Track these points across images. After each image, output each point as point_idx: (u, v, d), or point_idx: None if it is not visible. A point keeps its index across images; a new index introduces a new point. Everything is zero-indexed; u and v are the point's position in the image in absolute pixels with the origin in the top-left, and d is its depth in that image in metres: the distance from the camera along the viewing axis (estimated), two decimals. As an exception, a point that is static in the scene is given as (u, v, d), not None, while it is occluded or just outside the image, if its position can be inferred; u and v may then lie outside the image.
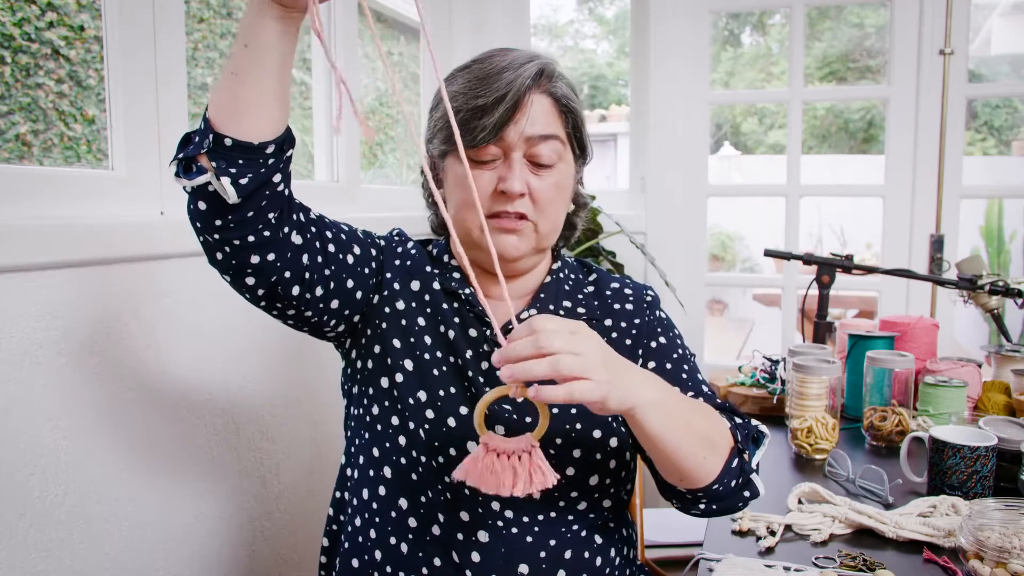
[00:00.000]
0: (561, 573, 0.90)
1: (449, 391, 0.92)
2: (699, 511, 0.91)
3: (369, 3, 1.96)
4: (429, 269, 0.99)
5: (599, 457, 0.92)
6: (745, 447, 0.90)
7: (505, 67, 0.90)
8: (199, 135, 0.75)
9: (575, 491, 0.92)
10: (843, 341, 1.62)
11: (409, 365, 0.93)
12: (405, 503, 0.93)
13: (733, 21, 10.72)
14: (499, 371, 0.69)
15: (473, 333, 0.95)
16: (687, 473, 0.84)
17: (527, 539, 0.90)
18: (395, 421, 0.92)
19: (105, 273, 1.04)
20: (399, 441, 0.92)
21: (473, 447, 0.89)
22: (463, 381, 0.93)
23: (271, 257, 0.81)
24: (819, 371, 1.36)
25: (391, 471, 0.93)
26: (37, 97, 1.32)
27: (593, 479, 0.92)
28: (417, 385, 0.92)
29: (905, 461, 1.20)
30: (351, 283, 0.92)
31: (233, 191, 0.74)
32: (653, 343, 1.00)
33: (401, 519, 0.93)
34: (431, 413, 0.90)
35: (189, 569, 1.20)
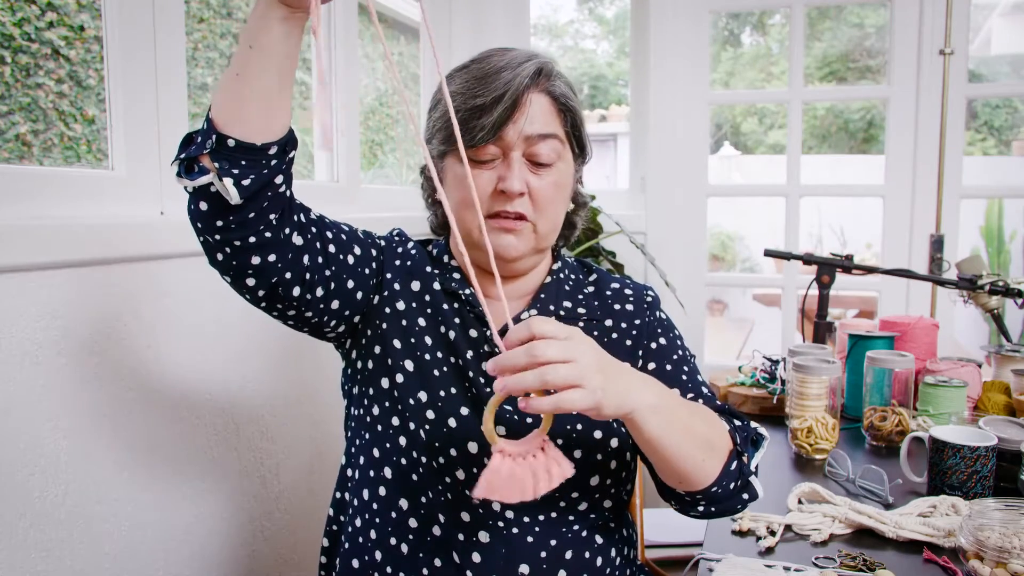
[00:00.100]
0: (562, 573, 0.90)
1: (450, 392, 0.92)
2: (698, 513, 0.91)
3: (366, 4, 1.96)
4: (429, 269, 0.99)
5: (600, 458, 0.92)
6: (744, 449, 0.90)
7: (503, 66, 0.90)
8: (201, 135, 0.75)
9: (576, 491, 0.92)
10: (843, 341, 1.62)
11: (409, 366, 0.93)
12: (405, 503, 0.93)
13: (733, 21, 10.72)
14: (495, 384, 0.70)
15: (473, 334, 0.95)
16: (686, 476, 0.84)
17: (528, 539, 0.90)
18: (395, 422, 0.92)
19: (105, 273, 1.04)
20: (399, 442, 0.92)
21: (473, 447, 0.89)
22: (463, 382, 0.93)
23: (272, 258, 0.81)
24: (819, 371, 1.36)
25: (391, 471, 0.93)
26: (37, 97, 1.32)
27: (594, 479, 0.92)
28: (418, 386, 0.92)
29: (905, 461, 1.20)
30: (351, 283, 0.92)
31: (235, 192, 0.73)
32: (653, 344, 1.00)
33: (401, 519, 0.93)
34: (432, 414, 0.90)
35: (189, 569, 1.20)
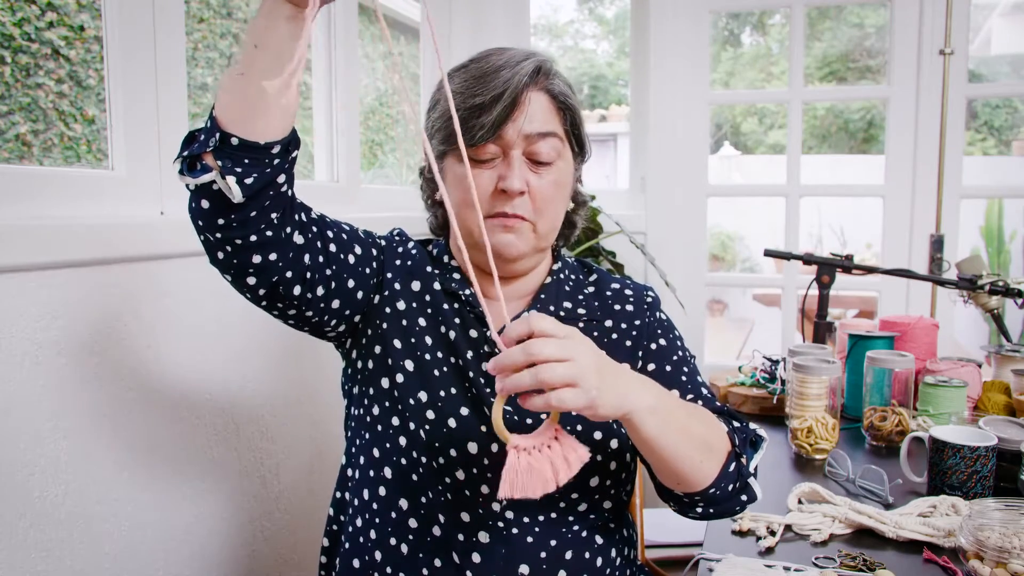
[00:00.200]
0: (562, 573, 0.90)
1: (450, 392, 0.92)
2: (696, 515, 0.91)
3: (369, 3, 1.96)
4: (430, 269, 0.99)
5: (599, 459, 0.92)
6: (743, 451, 0.89)
7: (502, 65, 0.90)
8: (205, 133, 0.75)
9: (575, 492, 0.92)
10: (843, 341, 1.62)
11: (410, 366, 0.93)
12: (405, 504, 0.93)
13: (733, 21, 10.72)
14: (496, 383, 0.70)
15: (474, 334, 0.95)
16: (684, 477, 0.84)
17: (527, 540, 0.90)
18: (395, 422, 0.92)
19: (105, 273, 1.04)
20: (399, 442, 0.92)
21: (473, 448, 0.89)
22: (464, 382, 0.93)
23: (273, 257, 0.81)
24: (819, 371, 1.36)
25: (391, 472, 0.93)
26: (37, 97, 1.32)
27: (593, 480, 0.92)
28: (418, 386, 0.92)
29: (905, 461, 1.20)
30: (352, 283, 0.92)
31: (238, 190, 0.74)
32: (653, 345, 1.00)
33: (401, 520, 0.93)
34: (432, 414, 0.90)
35: (189, 569, 1.20)
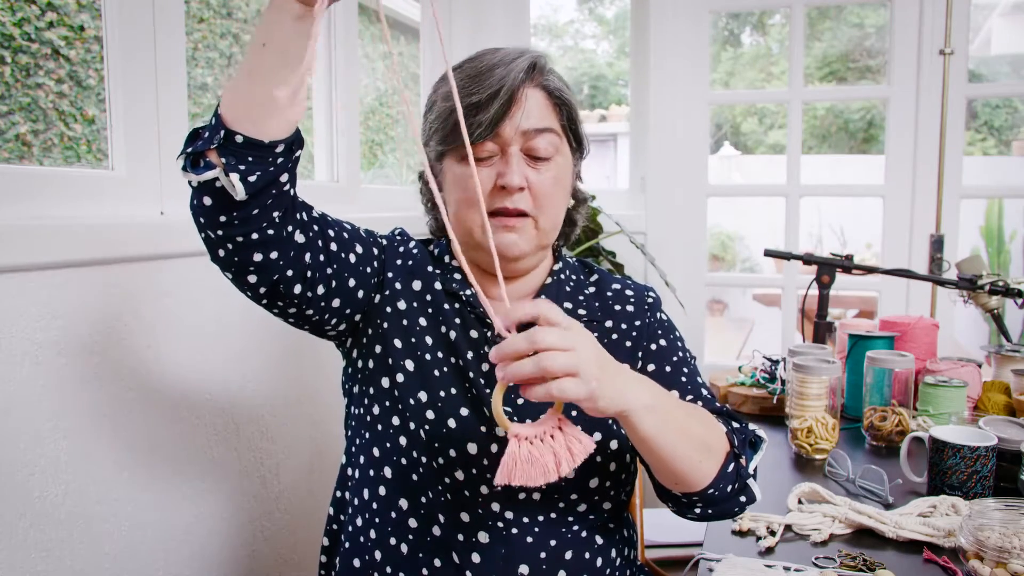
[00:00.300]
0: (562, 574, 0.90)
1: (450, 392, 0.92)
2: (695, 515, 0.91)
3: (370, 3, 1.96)
4: (431, 269, 0.98)
5: (599, 460, 0.91)
6: (742, 452, 0.89)
7: (496, 63, 0.91)
8: (209, 131, 0.75)
9: (575, 493, 0.92)
10: (843, 341, 1.62)
11: (410, 365, 0.93)
12: (405, 504, 0.93)
13: (733, 21, 10.72)
14: (496, 371, 0.70)
15: (474, 334, 0.95)
16: (682, 477, 0.84)
17: (527, 540, 0.90)
18: (396, 421, 0.92)
19: (105, 273, 1.04)
20: (400, 441, 0.92)
21: (473, 448, 0.89)
22: (464, 382, 0.93)
23: (274, 255, 0.81)
24: (819, 371, 1.36)
25: (391, 471, 0.93)
26: (37, 97, 1.32)
27: (593, 481, 0.92)
28: (418, 386, 0.92)
29: (905, 461, 1.20)
30: (353, 282, 0.92)
31: (241, 187, 0.74)
32: (653, 345, 1.00)
33: (401, 519, 0.93)
34: (431, 414, 0.90)
35: (189, 569, 1.20)
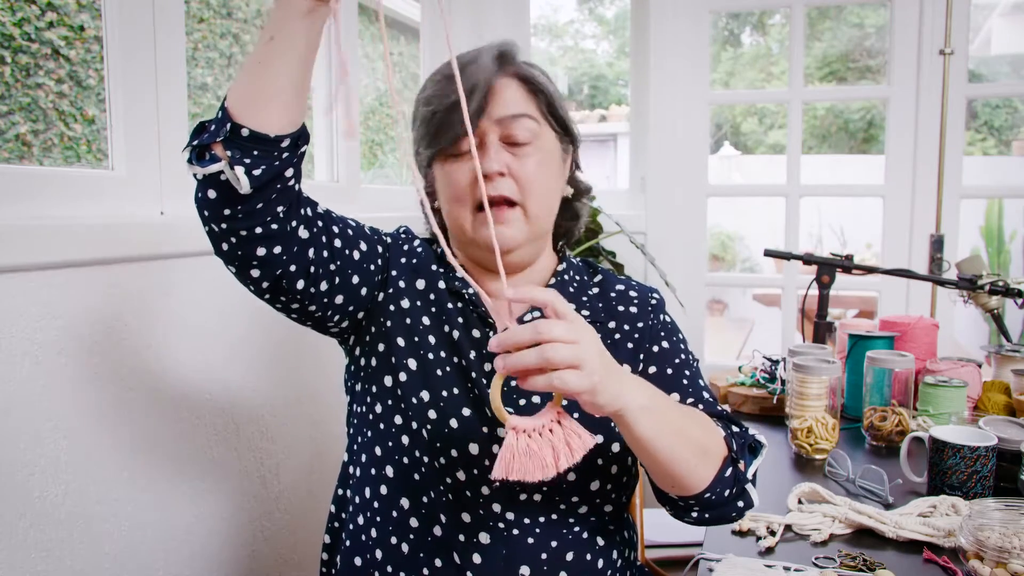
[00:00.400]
0: (562, 575, 0.90)
1: (452, 392, 0.92)
2: (692, 519, 0.90)
3: (369, 3, 1.96)
4: (435, 268, 0.98)
5: (600, 462, 0.91)
6: (741, 456, 0.89)
7: (468, 61, 0.92)
8: (216, 124, 0.75)
9: (576, 496, 0.91)
10: (843, 341, 1.62)
11: (413, 364, 0.93)
12: (407, 503, 0.93)
13: (733, 21, 10.72)
14: (498, 359, 0.69)
15: (477, 334, 0.95)
16: (678, 480, 0.84)
17: (528, 541, 0.90)
18: (398, 420, 0.92)
19: (105, 273, 1.04)
20: (402, 440, 0.92)
21: (474, 448, 0.89)
22: (466, 382, 0.93)
23: (277, 250, 0.81)
24: (819, 371, 1.36)
25: (393, 470, 0.93)
26: (37, 97, 1.32)
27: (594, 484, 0.92)
28: (420, 385, 0.92)
29: (905, 461, 1.20)
30: (356, 279, 0.92)
31: (246, 181, 0.74)
32: (655, 348, 0.99)
33: (402, 519, 0.93)
34: (433, 414, 0.90)
35: (189, 569, 1.20)
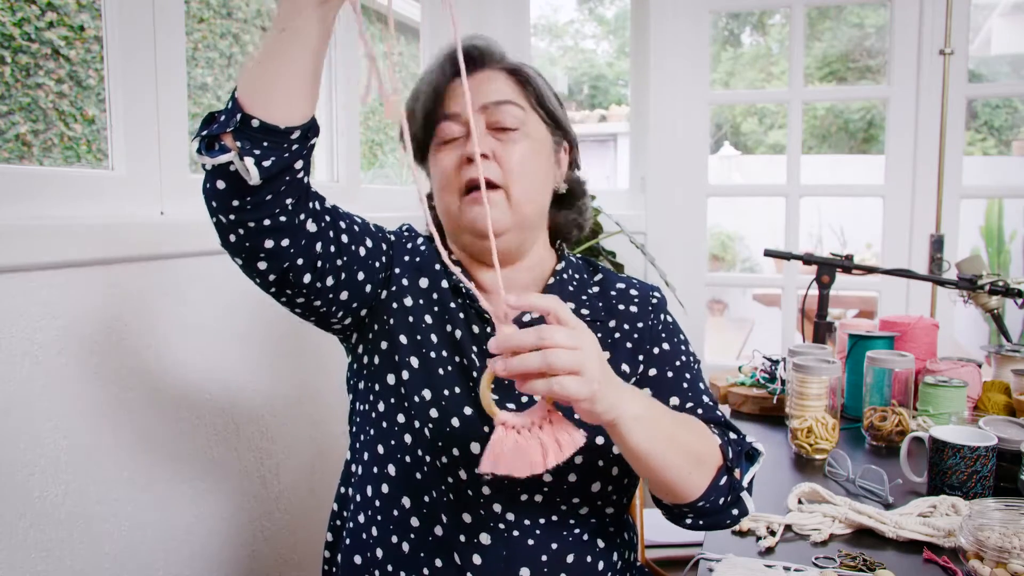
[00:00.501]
0: None
1: (453, 391, 0.91)
2: (686, 525, 0.91)
3: (370, 3, 1.96)
4: (438, 267, 0.98)
5: (601, 464, 0.91)
6: (737, 464, 0.89)
7: (432, 67, 0.97)
8: (226, 114, 0.75)
9: (577, 497, 0.91)
10: (843, 341, 1.62)
11: (415, 363, 0.93)
12: (408, 502, 0.93)
13: (733, 21, 10.72)
14: (496, 360, 0.69)
15: (477, 330, 0.94)
16: (671, 488, 0.84)
17: (528, 542, 0.90)
18: (400, 419, 0.92)
19: (105, 273, 1.04)
20: (404, 439, 0.92)
21: (476, 448, 0.89)
22: (468, 381, 0.92)
23: (285, 243, 0.81)
24: (819, 371, 1.36)
25: (395, 469, 0.93)
26: (37, 97, 1.32)
27: (595, 486, 0.92)
28: (422, 383, 0.92)
29: (905, 461, 1.20)
30: (361, 275, 0.92)
31: (256, 172, 0.74)
32: (656, 349, 0.98)
33: (403, 518, 0.93)
34: (435, 412, 0.90)
35: (189, 569, 1.20)
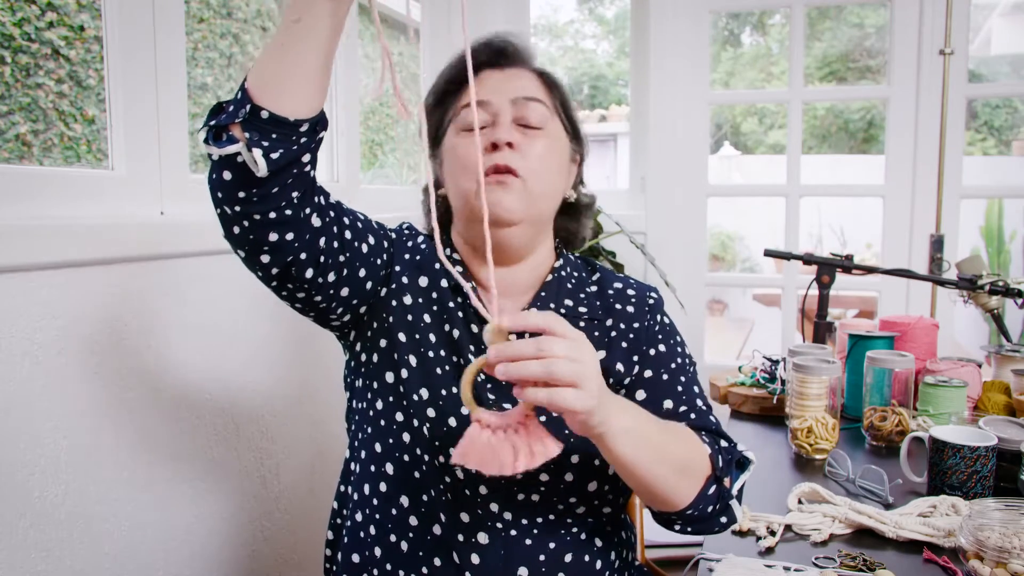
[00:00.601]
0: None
1: (451, 390, 0.91)
2: (674, 530, 0.91)
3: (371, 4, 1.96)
4: (438, 266, 0.98)
5: (597, 463, 0.91)
6: (726, 473, 0.89)
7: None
8: (235, 104, 0.75)
9: (573, 497, 0.91)
10: (843, 341, 1.62)
11: (413, 361, 0.93)
12: (407, 501, 0.93)
13: (733, 21, 10.73)
14: (495, 368, 0.69)
15: (476, 330, 0.94)
16: (658, 497, 0.85)
17: (526, 541, 0.90)
18: (399, 417, 0.92)
19: (105, 273, 1.04)
20: (403, 438, 0.92)
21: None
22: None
23: (289, 236, 0.81)
24: (819, 371, 1.36)
25: (393, 468, 0.93)
26: (37, 97, 1.32)
27: (591, 485, 0.92)
28: (420, 382, 0.92)
29: (905, 461, 1.20)
30: (363, 272, 0.92)
31: (264, 163, 0.73)
32: (652, 351, 0.98)
33: (402, 517, 0.93)
34: (432, 412, 0.90)
35: (189, 569, 1.20)
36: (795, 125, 2.20)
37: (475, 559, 0.89)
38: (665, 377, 0.97)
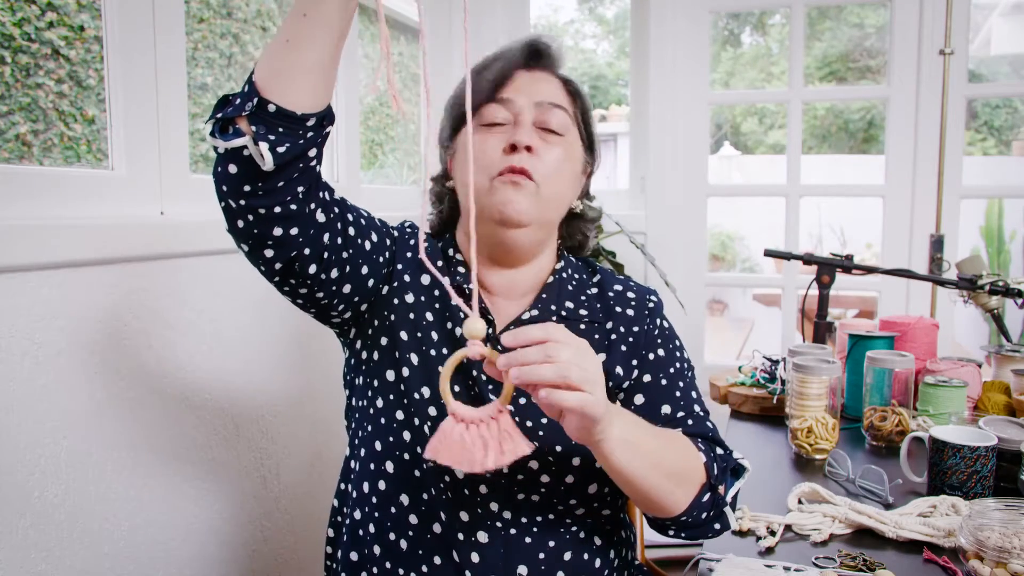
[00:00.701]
0: (560, 574, 0.90)
1: (452, 389, 0.91)
2: (668, 535, 0.92)
3: (369, 3, 1.96)
4: (440, 264, 0.98)
5: (598, 466, 0.91)
6: (721, 481, 0.89)
7: (506, 49, 0.98)
8: (241, 97, 0.75)
9: (574, 498, 0.92)
10: (843, 341, 1.62)
11: (415, 359, 0.93)
12: (407, 499, 0.93)
13: (733, 21, 10.72)
14: (510, 372, 0.69)
15: None
16: (653, 504, 0.85)
17: (526, 540, 0.90)
18: (400, 415, 0.92)
19: (105, 273, 1.04)
20: (403, 436, 0.92)
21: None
22: (467, 380, 0.92)
23: (294, 231, 0.81)
24: (819, 371, 1.36)
25: (393, 466, 0.93)
26: (37, 97, 1.32)
27: (592, 487, 0.92)
28: (421, 381, 0.92)
29: (905, 461, 1.20)
30: (365, 269, 0.92)
31: (270, 157, 0.73)
32: (651, 355, 0.98)
33: (401, 515, 0.93)
34: (434, 410, 0.90)
35: (189, 569, 1.20)
36: (795, 125, 2.20)
37: (475, 557, 0.89)
38: (664, 382, 0.97)
